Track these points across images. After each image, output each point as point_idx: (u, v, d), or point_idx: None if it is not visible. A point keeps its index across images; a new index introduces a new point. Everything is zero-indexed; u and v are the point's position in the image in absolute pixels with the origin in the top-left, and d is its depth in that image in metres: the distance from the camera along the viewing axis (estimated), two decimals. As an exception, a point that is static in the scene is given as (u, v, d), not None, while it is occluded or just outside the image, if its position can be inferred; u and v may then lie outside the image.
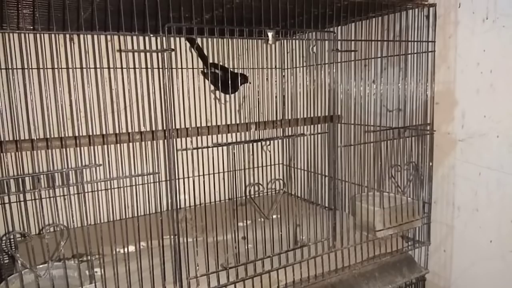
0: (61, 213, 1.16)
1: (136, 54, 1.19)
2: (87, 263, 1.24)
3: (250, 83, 1.92)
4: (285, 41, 2.35)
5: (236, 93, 1.93)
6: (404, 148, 1.77)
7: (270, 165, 1.57)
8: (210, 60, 1.81)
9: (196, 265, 1.34)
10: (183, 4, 1.26)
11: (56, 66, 1.24)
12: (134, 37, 1.30)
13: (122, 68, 1.68)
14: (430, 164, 1.81)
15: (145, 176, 1.22)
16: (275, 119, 2.33)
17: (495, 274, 1.65)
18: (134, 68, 1.56)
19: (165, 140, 1.27)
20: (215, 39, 1.29)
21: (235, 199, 1.43)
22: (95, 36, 1.13)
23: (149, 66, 1.21)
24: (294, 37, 2.23)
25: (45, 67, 1.11)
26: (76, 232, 1.15)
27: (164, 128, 1.27)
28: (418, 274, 1.83)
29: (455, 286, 1.81)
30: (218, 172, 1.54)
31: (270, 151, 1.49)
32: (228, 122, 1.62)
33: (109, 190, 1.17)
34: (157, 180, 1.25)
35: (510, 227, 1.57)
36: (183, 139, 1.42)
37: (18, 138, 1.10)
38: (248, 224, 1.56)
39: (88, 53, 1.71)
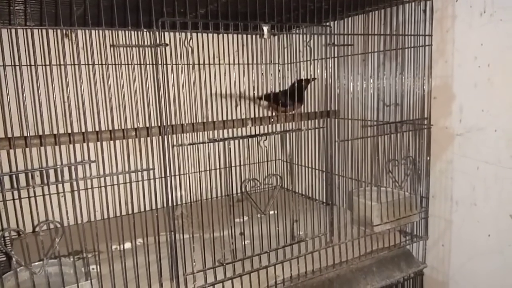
0: (55, 210, 1.16)
1: (130, 49, 1.19)
2: (83, 260, 1.24)
3: (314, 79, 1.76)
4: (280, 35, 2.34)
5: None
6: (402, 143, 1.77)
7: (267, 161, 1.56)
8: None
9: (192, 261, 1.34)
10: (177, -1, 1.25)
11: (48, 63, 1.23)
12: (128, 32, 1.29)
13: (116, 64, 1.67)
14: (428, 158, 1.81)
15: (140, 173, 1.22)
16: (271, 114, 2.32)
17: (493, 268, 1.65)
18: (128, 64, 1.55)
19: (160, 136, 1.26)
20: (210, 34, 1.28)
21: (231, 195, 1.42)
22: (88, 32, 1.12)
23: (143, 61, 1.20)
24: (290, 32, 2.22)
25: (37, 63, 1.10)
26: (71, 229, 1.15)
27: (159, 124, 1.26)
28: (416, 269, 1.83)
29: (453, 280, 1.81)
30: (215, 168, 1.53)
31: (266, 147, 1.48)
32: (224, 118, 1.62)
33: (104, 187, 1.16)
34: (153, 177, 1.24)
35: (508, 221, 1.57)
36: (179, 135, 1.41)
37: (11, 135, 1.09)
38: (245, 220, 1.56)
39: (84, 49, 1.70)
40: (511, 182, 1.55)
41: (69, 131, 1.18)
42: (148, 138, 1.30)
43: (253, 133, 1.46)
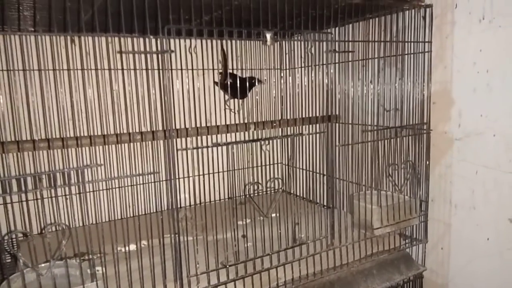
0: (62, 212, 1.18)
1: (136, 55, 1.21)
2: (89, 261, 1.25)
3: (262, 83, 1.91)
4: (283, 42, 2.37)
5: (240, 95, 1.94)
6: (401, 147, 1.79)
7: (269, 164, 1.58)
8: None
9: (196, 263, 1.36)
10: (182, 6, 1.28)
11: (57, 68, 1.25)
12: (134, 39, 1.31)
13: (122, 69, 1.69)
14: (427, 162, 1.83)
15: (146, 176, 1.24)
16: (274, 119, 2.35)
17: (492, 271, 1.67)
18: (135, 69, 1.57)
19: (165, 140, 1.28)
20: (213, 41, 1.30)
21: (234, 198, 1.44)
22: (96, 38, 1.14)
23: (149, 67, 1.23)
24: (292, 38, 2.25)
25: (46, 68, 1.12)
26: (78, 231, 1.17)
27: (164, 128, 1.28)
28: (416, 272, 1.85)
29: (452, 283, 1.83)
30: (218, 172, 1.56)
31: (269, 151, 1.50)
32: (228, 123, 1.64)
33: (110, 190, 1.18)
34: (158, 180, 1.26)
35: (507, 225, 1.59)
36: (183, 139, 1.43)
37: (19, 139, 1.11)
38: (248, 223, 1.57)
39: (89, 54, 1.72)
40: (510, 186, 1.57)
41: (77, 134, 1.20)
42: (154, 142, 1.32)
43: (255, 137, 1.48)
